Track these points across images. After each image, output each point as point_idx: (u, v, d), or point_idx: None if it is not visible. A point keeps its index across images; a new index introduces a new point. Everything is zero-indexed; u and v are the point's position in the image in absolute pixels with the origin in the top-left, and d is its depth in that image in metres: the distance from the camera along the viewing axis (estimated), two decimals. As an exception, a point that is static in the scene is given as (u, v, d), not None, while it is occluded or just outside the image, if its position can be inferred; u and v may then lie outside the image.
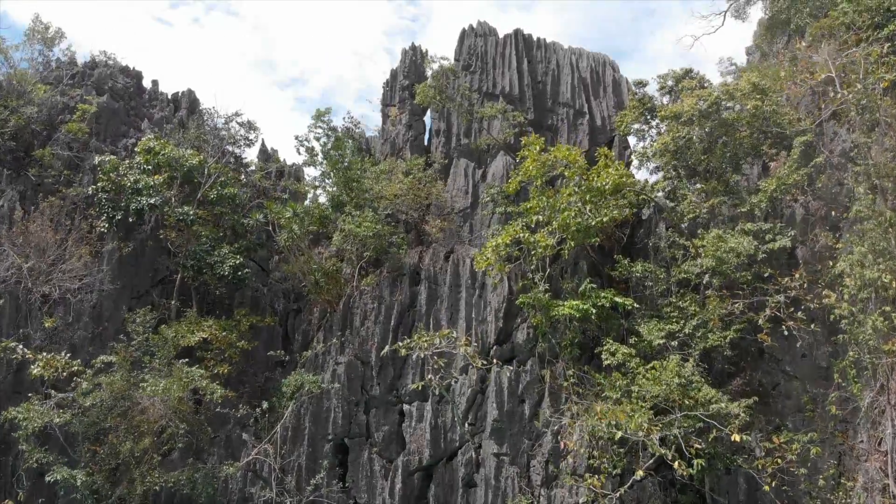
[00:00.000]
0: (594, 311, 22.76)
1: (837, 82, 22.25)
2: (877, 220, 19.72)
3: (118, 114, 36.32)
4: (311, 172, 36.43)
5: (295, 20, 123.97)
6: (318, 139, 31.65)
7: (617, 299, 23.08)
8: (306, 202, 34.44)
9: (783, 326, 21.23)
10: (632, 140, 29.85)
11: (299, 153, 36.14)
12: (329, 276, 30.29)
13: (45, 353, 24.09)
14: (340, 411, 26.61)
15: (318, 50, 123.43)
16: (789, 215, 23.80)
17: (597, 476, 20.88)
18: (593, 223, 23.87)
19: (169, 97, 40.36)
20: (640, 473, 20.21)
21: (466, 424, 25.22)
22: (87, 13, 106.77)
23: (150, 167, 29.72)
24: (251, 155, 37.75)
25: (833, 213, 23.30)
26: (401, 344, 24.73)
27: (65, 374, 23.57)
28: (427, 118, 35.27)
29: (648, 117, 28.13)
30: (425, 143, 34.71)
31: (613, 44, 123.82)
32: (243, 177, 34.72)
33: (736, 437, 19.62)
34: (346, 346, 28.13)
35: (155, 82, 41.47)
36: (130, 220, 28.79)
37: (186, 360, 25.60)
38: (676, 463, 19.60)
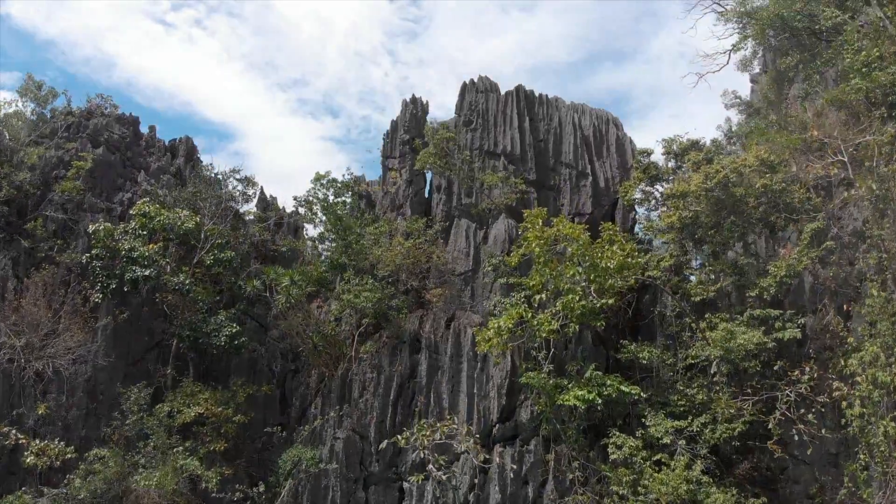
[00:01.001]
0: (600, 400, 22.23)
1: (850, 168, 21.73)
2: (889, 320, 19.17)
3: (114, 166, 35.77)
4: (311, 221, 35.88)
5: (296, 22, 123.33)
6: (317, 200, 31.11)
7: (623, 388, 22.53)
8: (305, 256, 33.90)
9: (793, 429, 20.70)
10: (636, 203, 29.24)
11: (299, 213, 35.68)
12: (327, 340, 29.80)
13: (38, 441, 23.56)
14: (339, 490, 26.07)
15: (319, 51, 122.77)
16: (798, 298, 23.29)
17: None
18: (598, 305, 23.34)
19: (166, 144, 39.82)
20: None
21: (468, 507, 24.68)
22: (88, 14, 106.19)
23: (144, 232, 29.16)
24: (250, 194, 37.21)
25: (843, 291, 22.82)
26: (400, 437, 24.21)
27: (59, 462, 23.05)
28: (428, 172, 34.75)
29: (653, 185, 27.56)
30: (426, 195, 34.19)
31: (615, 44, 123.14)
32: (241, 230, 34.10)
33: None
34: (345, 419, 27.59)
35: (152, 128, 40.93)
36: (125, 289, 28.23)
37: (181, 439, 25.07)
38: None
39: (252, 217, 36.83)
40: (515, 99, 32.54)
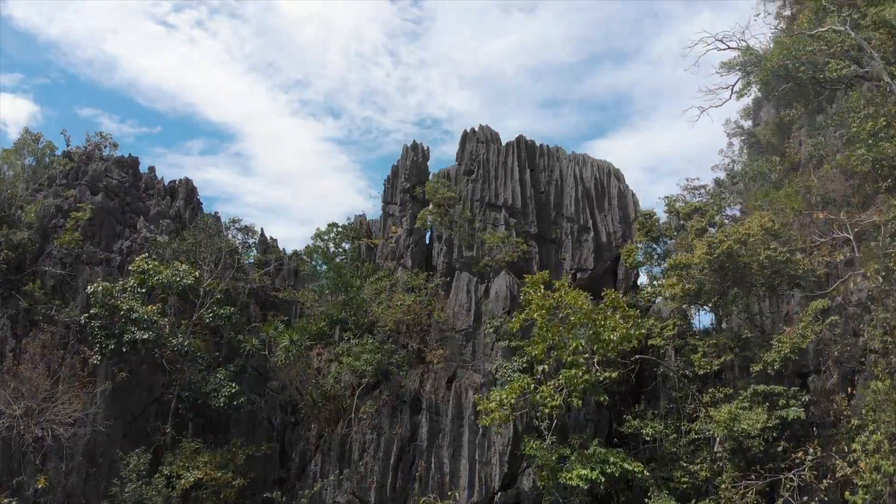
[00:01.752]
0: (603, 479, 22.04)
1: (856, 247, 21.52)
2: (893, 408, 18.96)
3: (113, 213, 35.55)
4: (313, 272, 35.64)
5: (298, 23, 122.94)
6: (318, 251, 30.92)
7: (626, 465, 22.34)
8: (305, 305, 33.67)
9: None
10: (638, 266, 29.03)
11: (298, 256, 35.48)
12: (326, 396, 29.63)
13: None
14: (340, 557, 25.93)
15: (320, 52, 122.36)
16: (803, 365, 23.11)
17: None
18: (601, 378, 23.15)
19: (165, 186, 39.65)
20: None
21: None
22: (90, 15, 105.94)
23: (143, 290, 28.96)
24: (250, 244, 37.02)
25: (847, 364, 22.63)
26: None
27: (56, 538, 22.88)
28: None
29: (656, 243, 27.35)
30: (427, 241, 33.98)
31: (616, 45, 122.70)
32: (241, 280, 33.89)
33: None
34: (345, 483, 27.42)
35: (151, 169, 40.76)
36: (124, 349, 28.05)
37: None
38: None
39: (252, 260, 36.65)
40: (516, 150, 32.34)
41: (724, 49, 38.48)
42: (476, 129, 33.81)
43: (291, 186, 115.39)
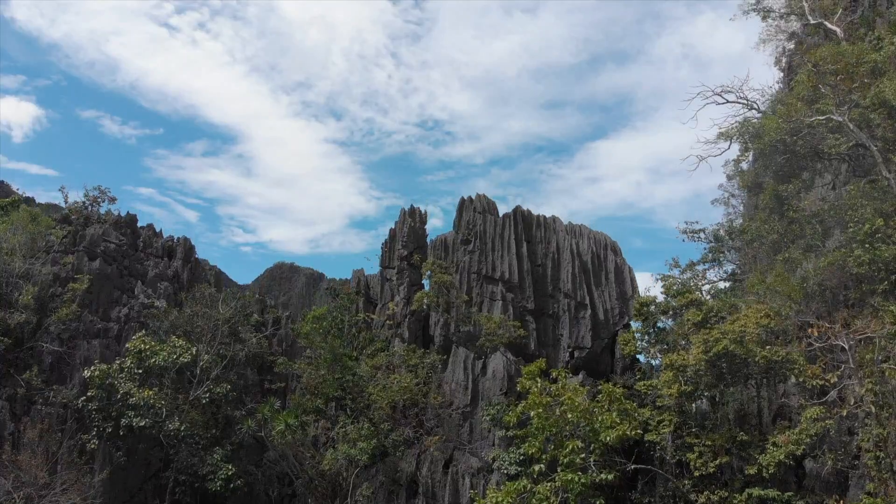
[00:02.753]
0: (599, 585, 22.02)
1: (851, 357, 21.44)
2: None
3: (111, 278, 35.56)
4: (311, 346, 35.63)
5: (300, 25, 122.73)
6: (315, 333, 30.93)
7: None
8: (303, 379, 33.69)
9: None
10: (637, 353, 28.96)
11: (294, 323, 35.48)
12: (323, 475, 29.66)
13: None
14: None
15: (322, 54, 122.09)
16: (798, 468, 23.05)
17: None
18: (598, 479, 23.12)
19: (163, 245, 39.65)
20: None
21: None
22: (92, 17, 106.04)
23: (140, 371, 28.99)
24: (248, 314, 37.02)
25: (842, 472, 22.57)
26: None
27: None
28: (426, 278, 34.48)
29: (652, 331, 27.31)
30: (424, 306, 33.92)
31: (618, 46, 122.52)
32: (240, 347, 33.90)
33: None
34: (343, 569, 27.47)
35: (150, 227, 40.80)
36: (121, 433, 28.11)
37: None
38: None
39: (250, 322, 36.65)
40: (513, 222, 32.27)
41: (724, 103, 38.49)
42: (473, 197, 33.74)
43: (293, 188, 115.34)
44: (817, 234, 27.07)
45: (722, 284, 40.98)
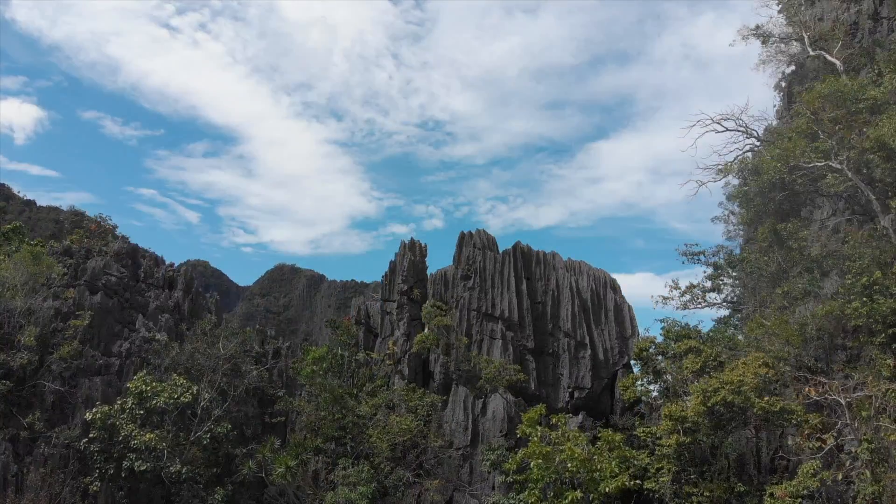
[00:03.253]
0: None
1: (847, 415, 21.56)
2: None
3: (112, 312, 35.69)
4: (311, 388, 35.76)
5: (300, 26, 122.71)
6: (314, 376, 31.04)
7: None
8: (303, 415, 33.81)
9: None
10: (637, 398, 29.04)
11: (295, 355, 35.59)
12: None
13: None
14: None
15: (323, 55, 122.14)
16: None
17: None
18: (596, 530, 23.27)
19: (165, 276, 39.78)
20: None
21: None
22: (93, 19, 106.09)
23: (141, 412, 29.14)
24: (248, 349, 37.14)
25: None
26: None
27: None
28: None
29: (653, 378, 27.44)
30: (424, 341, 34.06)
31: (619, 46, 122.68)
32: (239, 381, 34.05)
33: None
34: None
35: (151, 256, 40.92)
36: (123, 474, 28.27)
37: None
38: None
39: (250, 355, 36.77)
40: (513, 258, 32.36)
41: (723, 131, 38.65)
42: (473, 232, 33.84)
43: (294, 188, 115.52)
44: (815, 281, 27.17)
45: (722, 311, 41.28)
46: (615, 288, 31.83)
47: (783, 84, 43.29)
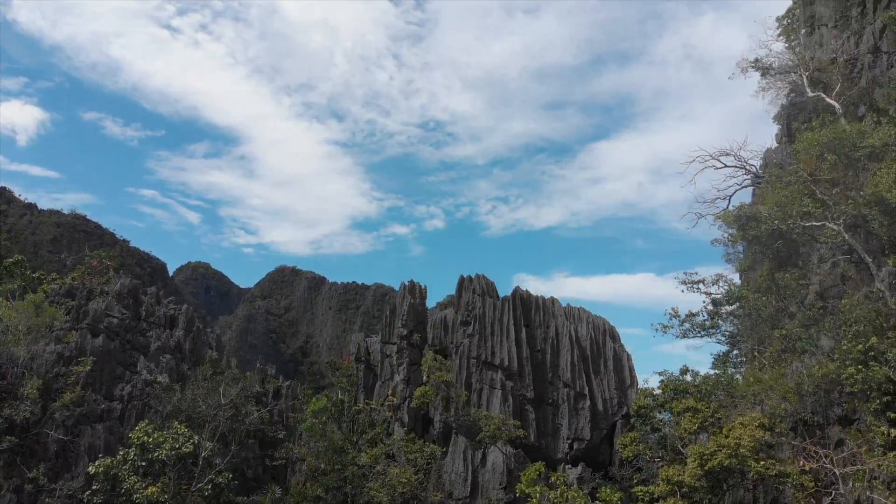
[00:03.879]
0: None
1: (842, 485, 21.75)
2: None
3: (113, 354, 35.90)
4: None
5: (302, 26, 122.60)
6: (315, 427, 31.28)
7: None
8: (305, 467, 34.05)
9: None
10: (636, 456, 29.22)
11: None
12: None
13: None
14: None
15: (324, 56, 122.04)
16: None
17: None
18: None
19: (166, 315, 39.99)
20: None
21: None
22: (94, 19, 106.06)
23: (143, 463, 29.38)
24: (251, 392, 37.39)
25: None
26: None
27: None
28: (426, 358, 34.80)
29: (652, 425, 27.65)
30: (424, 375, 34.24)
31: (620, 46, 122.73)
32: (240, 422, 34.30)
33: None
34: None
35: (151, 294, 41.16)
36: (126, 528, 28.56)
37: None
38: None
39: (251, 396, 37.03)
40: (512, 305, 32.53)
41: (721, 167, 38.91)
42: (472, 277, 34.02)
43: (295, 189, 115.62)
44: (812, 339, 27.32)
45: (720, 346, 41.46)
46: (614, 336, 32.02)
47: (783, 115, 43.40)
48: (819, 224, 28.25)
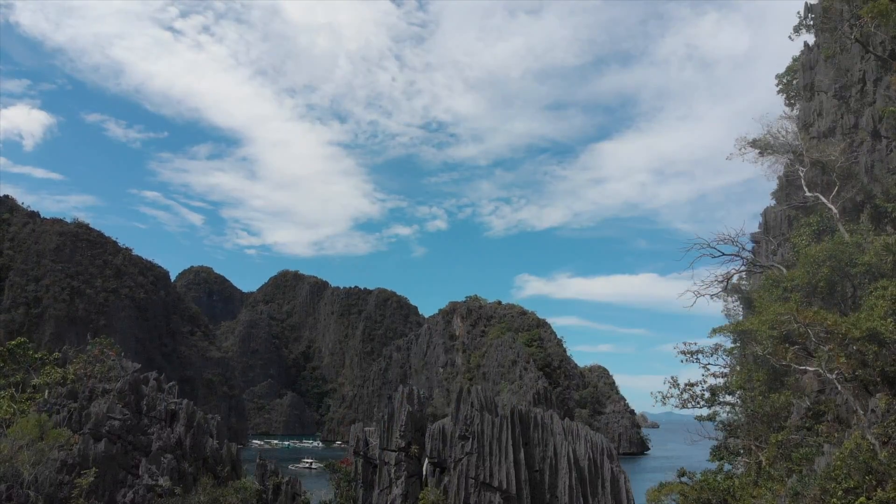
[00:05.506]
0: None
1: None
2: None
3: (115, 458, 36.24)
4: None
5: (304, 28, 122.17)
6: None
7: None
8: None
9: None
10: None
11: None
12: None
13: None
14: None
15: (326, 57, 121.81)
16: None
17: None
18: None
19: (167, 409, 40.26)
20: None
21: None
22: (96, 22, 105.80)
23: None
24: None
25: None
26: None
27: None
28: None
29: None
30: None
31: (622, 47, 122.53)
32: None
33: None
34: None
35: (153, 387, 41.41)
36: None
37: None
38: None
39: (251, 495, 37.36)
40: (510, 423, 32.71)
41: (719, 256, 39.04)
42: (471, 390, 34.18)
43: (297, 190, 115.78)
44: (805, 483, 27.50)
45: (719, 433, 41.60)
46: (611, 456, 32.23)
47: (781, 193, 43.41)
48: (812, 369, 28.28)
